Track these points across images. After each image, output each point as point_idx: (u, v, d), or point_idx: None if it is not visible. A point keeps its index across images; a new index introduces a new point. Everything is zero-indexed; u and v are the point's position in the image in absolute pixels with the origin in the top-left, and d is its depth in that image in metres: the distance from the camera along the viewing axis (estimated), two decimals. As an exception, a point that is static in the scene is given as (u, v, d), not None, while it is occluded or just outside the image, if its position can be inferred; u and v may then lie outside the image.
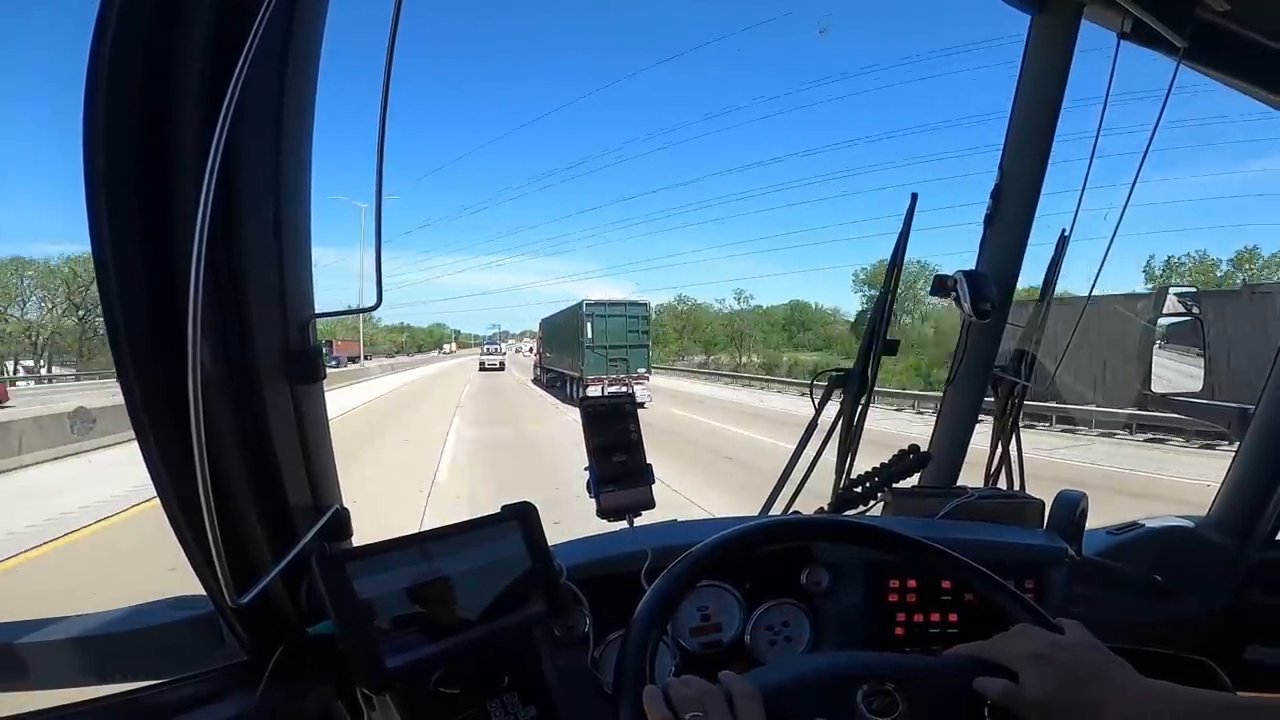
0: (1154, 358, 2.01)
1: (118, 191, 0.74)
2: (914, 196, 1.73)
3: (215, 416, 0.83)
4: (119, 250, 0.75)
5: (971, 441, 1.94)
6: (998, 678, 0.82)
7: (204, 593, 0.89)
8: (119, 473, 8.03)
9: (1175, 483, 9.50)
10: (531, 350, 43.54)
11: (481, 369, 45.76)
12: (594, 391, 18.10)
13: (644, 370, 22.91)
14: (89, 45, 0.70)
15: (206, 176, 0.68)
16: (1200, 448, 12.97)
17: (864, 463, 1.66)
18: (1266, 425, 1.77)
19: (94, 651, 1.01)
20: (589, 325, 22.29)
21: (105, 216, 0.73)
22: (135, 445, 0.80)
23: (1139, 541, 1.80)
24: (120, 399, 0.79)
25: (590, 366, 21.92)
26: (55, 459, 10.85)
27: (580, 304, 23.34)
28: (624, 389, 20.32)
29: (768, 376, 37.39)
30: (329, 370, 1.08)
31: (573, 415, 1.24)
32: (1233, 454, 1.88)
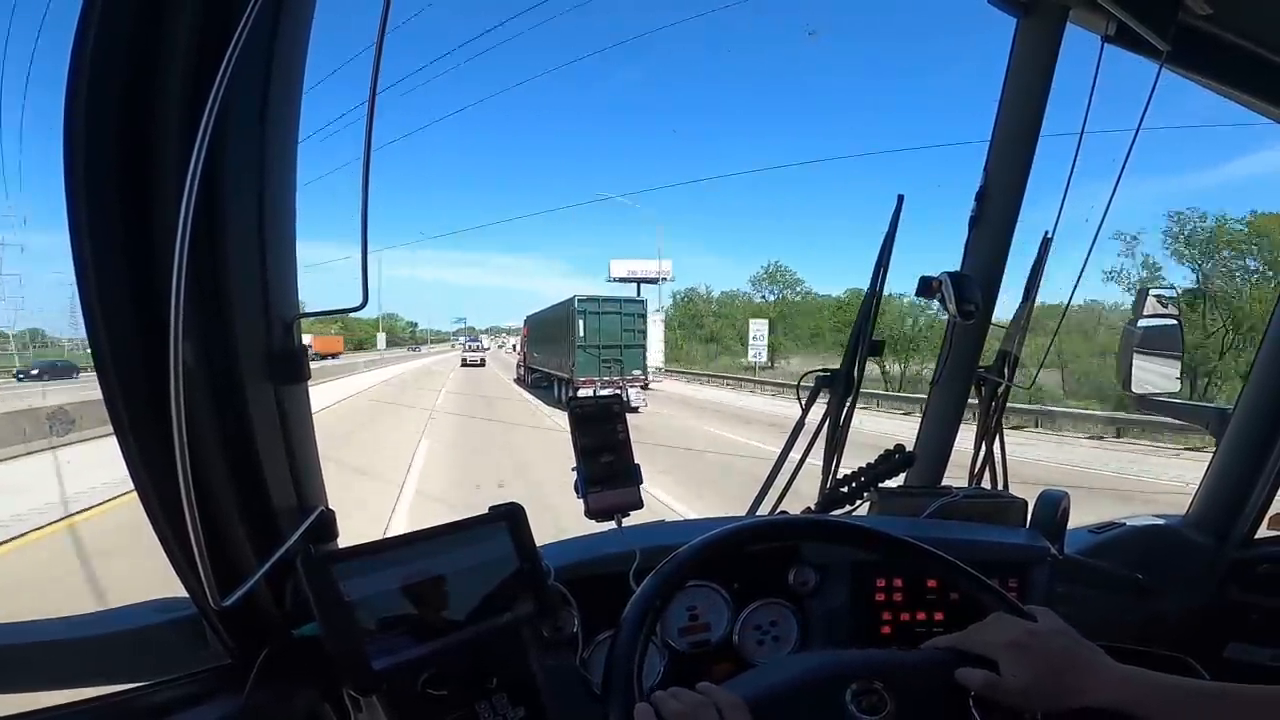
0: (1134, 359, 2.02)
1: (98, 189, 0.73)
2: (900, 198, 1.74)
3: (198, 417, 0.82)
4: (99, 249, 0.74)
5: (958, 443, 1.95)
6: (978, 668, 0.83)
7: (187, 595, 0.88)
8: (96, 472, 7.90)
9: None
10: (515, 348, 42.88)
11: (464, 364, 46.41)
12: (585, 394, 17.15)
13: (639, 372, 21.26)
14: (70, 43, 0.69)
15: (189, 175, 0.68)
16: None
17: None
18: (1244, 426, 1.80)
19: (74, 654, 0.99)
20: (580, 323, 20.59)
21: (85, 214, 0.72)
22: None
23: (1120, 540, 1.82)
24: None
25: (581, 367, 20.30)
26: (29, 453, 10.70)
27: (571, 299, 21.40)
28: (617, 393, 19.71)
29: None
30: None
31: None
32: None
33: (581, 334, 20.53)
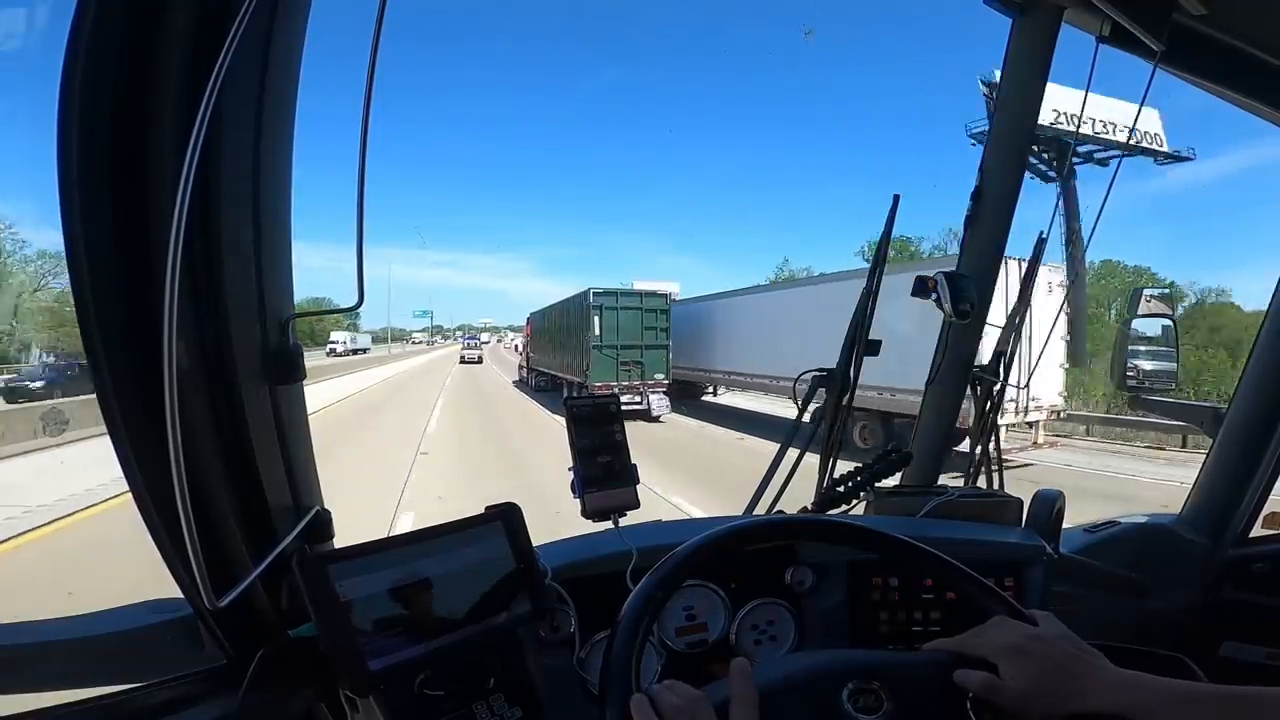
0: (1128, 357, 2.03)
1: (92, 189, 0.72)
2: (896, 198, 1.75)
3: (192, 417, 0.82)
4: (93, 249, 0.74)
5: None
6: (978, 670, 0.83)
7: (182, 595, 0.88)
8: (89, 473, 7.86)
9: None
10: (517, 348, 42.47)
11: (462, 361, 47.24)
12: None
13: (662, 376, 18.58)
14: (64, 41, 0.69)
15: (184, 175, 0.67)
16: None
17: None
18: (1238, 425, 1.80)
19: (68, 655, 0.99)
20: (596, 319, 18.18)
21: (79, 212, 0.72)
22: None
23: (1115, 540, 1.82)
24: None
25: (597, 370, 18.01)
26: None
27: (586, 293, 18.95)
28: (638, 399, 17.24)
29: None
30: None
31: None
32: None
33: (597, 332, 18.32)
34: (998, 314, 1.93)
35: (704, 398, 22.71)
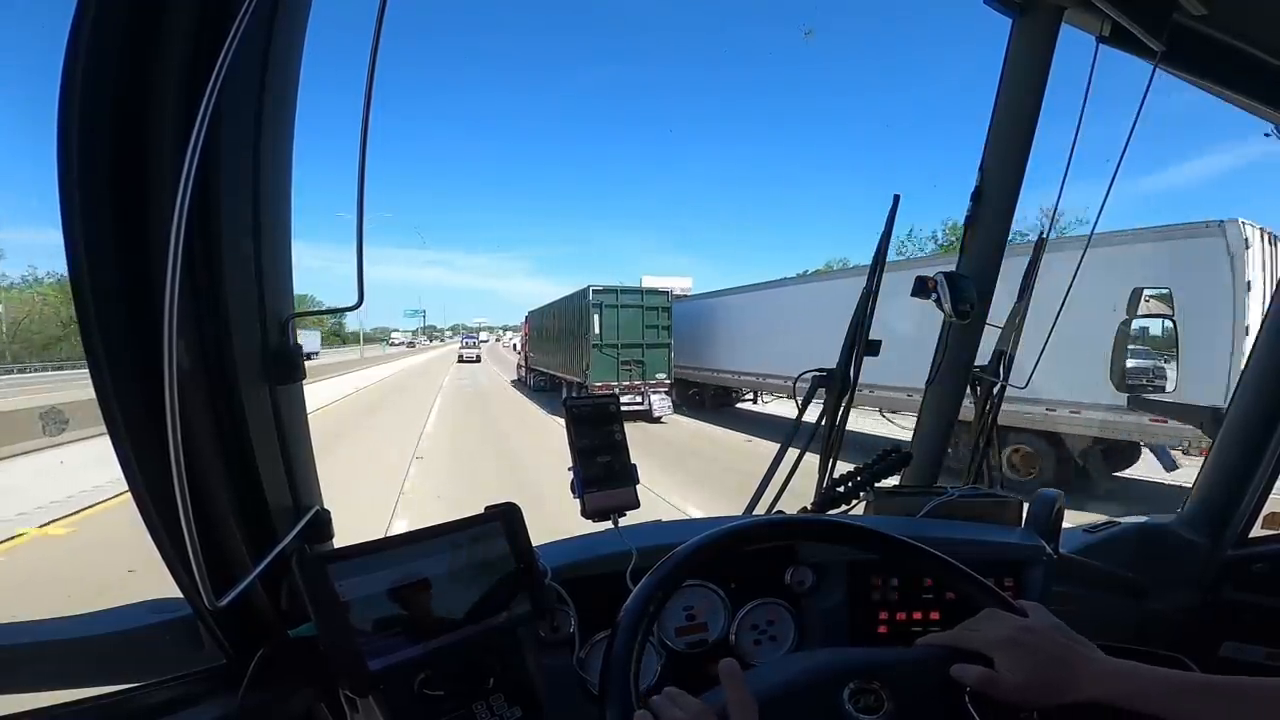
0: (1127, 357, 2.03)
1: (93, 189, 0.72)
2: (896, 198, 1.75)
3: (193, 416, 0.82)
4: (93, 249, 0.73)
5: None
6: (974, 664, 0.84)
7: (181, 595, 0.88)
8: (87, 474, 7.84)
9: None
10: (515, 347, 42.26)
11: (460, 360, 47.89)
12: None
13: (664, 376, 17.98)
14: (64, 41, 0.69)
15: (184, 175, 0.67)
16: None
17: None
18: (1238, 425, 1.80)
19: (67, 655, 0.99)
20: (596, 318, 17.58)
21: (79, 214, 0.72)
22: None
23: (1115, 540, 1.83)
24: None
25: (597, 370, 17.51)
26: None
27: (586, 290, 18.23)
28: (639, 399, 17.01)
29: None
30: None
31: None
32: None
33: (597, 330, 17.71)
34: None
35: (740, 405, 20.54)
